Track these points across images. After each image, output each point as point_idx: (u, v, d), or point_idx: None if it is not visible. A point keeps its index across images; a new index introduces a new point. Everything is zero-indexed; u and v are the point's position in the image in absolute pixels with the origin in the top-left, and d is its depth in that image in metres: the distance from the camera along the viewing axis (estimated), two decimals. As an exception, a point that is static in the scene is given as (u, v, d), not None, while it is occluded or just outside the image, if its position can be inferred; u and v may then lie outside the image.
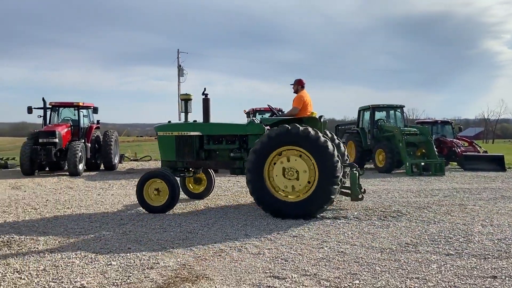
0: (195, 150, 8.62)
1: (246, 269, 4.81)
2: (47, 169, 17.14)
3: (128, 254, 5.39)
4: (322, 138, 7.32)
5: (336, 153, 7.34)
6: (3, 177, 15.11)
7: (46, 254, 5.40)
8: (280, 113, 8.68)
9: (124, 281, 4.46)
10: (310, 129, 7.38)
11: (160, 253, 5.48)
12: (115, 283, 4.41)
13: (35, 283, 4.41)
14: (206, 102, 8.68)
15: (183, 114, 9.01)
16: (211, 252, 5.51)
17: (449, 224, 7.07)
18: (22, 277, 4.57)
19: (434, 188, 11.76)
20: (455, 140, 19.22)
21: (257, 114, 20.03)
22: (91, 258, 5.25)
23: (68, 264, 5.00)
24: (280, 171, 7.45)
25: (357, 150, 17.85)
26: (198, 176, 9.74)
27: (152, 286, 4.32)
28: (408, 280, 4.46)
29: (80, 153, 15.50)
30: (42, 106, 17.02)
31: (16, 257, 5.30)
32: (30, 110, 16.99)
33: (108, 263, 5.05)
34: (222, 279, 4.50)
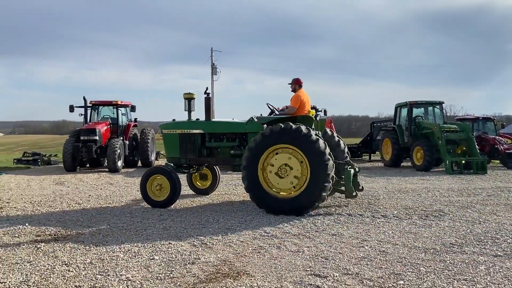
0: (197, 147, 8.83)
1: (286, 267, 4.79)
2: (87, 165, 17.73)
3: (170, 249, 5.50)
4: (310, 134, 7.36)
5: (325, 148, 7.37)
6: (47, 173, 15.77)
7: (92, 248, 5.59)
8: (277, 112, 8.66)
9: (167, 276, 4.55)
10: (297, 126, 7.43)
11: (200, 248, 5.55)
12: (159, 277, 4.51)
13: (83, 275, 4.58)
14: (208, 101, 8.92)
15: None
16: (250, 248, 5.53)
17: (495, 224, 6.79)
18: (70, 270, 4.75)
19: (476, 187, 11.32)
20: (497, 137, 18.42)
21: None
22: (135, 252, 5.39)
23: (113, 258, 5.15)
24: (277, 178, 7.55)
25: (393, 147, 17.43)
26: (203, 172, 10.00)
27: (195, 281, 4.39)
28: (456, 282, 4.32)
29: (119, 150, 15.95)
30: (83, 104, 17.62)
31: (64, 250, 5.51)
32: (71, 108, 17.61)
33: (151, 257, 5.17)
34: (263, 276, 4.51)
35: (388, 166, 17.55)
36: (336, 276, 4.45)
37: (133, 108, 18.53)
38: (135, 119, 19.05)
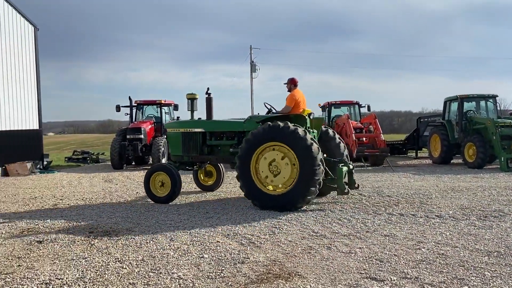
0: (198, 146, 9.11)
1: (339, 269, 4.63)
2: (133, 163, 18.22)
3: (218, 248, 5.47)
4: (306, 137, 7.50)
5: (314, 146, 7.49)
6: (96, 170, 16.35)
7: (143, 245, 5.66)
8: (274, 110, 8.80)
9: (218, 275, 4.51)
10: (293, 126, 7.60)
11: (248, 247, 5.49)
12: (210, 276, 4.47)
13: (136, 272, 4.62)
14: (209, 101, 9.24)
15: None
16: (299, 248, 5.40)
17: None
18: (124, 267, 4.82)
19: (537, 185, 10.58)
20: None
21: (332, 107, 19.59)
22: (184, 250, 5.40)
23: (164, 255, 5.19)
24: (268, 173, 7.75)
25: (442, 144, 16.64)
26: (208, 169, 10.24)
27: (246, 281, 4.31)
28: (526, 289, 3.99)
29: (163, 148, 16.25)
30: (128, 104, 18.09)
31: (116, 246, 5.62)
32: (118, 108, 18.12)
33: (200, 255, 5.15)
34: (316, 278, 4.37)
35: (437, 163, 16.80)
36: (394, 280, 4.23)
37: (175, 107, 18.82)
38: (178, 117, 19.34)
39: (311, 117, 8.58)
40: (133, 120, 18.05)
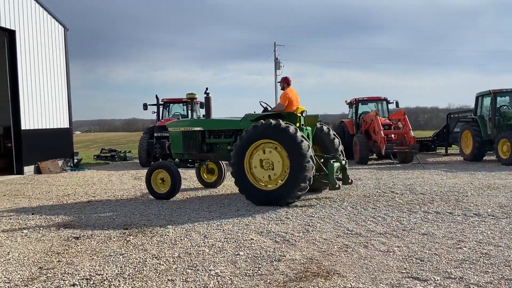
0: (198, 144, 9.37)
1: (379, 267, 4.53)
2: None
3: (253, 245, 5.45)
4: (288, 128, 7.68)
5: (304, 143, 7.65)
6: (124, 168, 16.61)
7: (177, 242, 5.69)
8: (270, 109, 9.00)
9: (256, 272, 4.48)
10: (279, 122, 7.78)
11: (283, 245, 5.44)
12: (247, 274, 4.45)
13: (174, 269, 4.65)
14: (208, 100, 9.48)
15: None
16: (335, 247, 5.32)
17: None
18: (161, 263, 4.85)
19: None
20: None
21: (360, 104, 19.30)
22: (219, 247, 5.40)
23: (200, 252, 5.20)
24: (261, 170, 7.97)
25: (474, 140, 16.13)
26: (211, 167, 10.61)
27: (285, 279, 4.27)
28: None
29: (189, 146, 16.35)
30: (155, 102, 18.30)
31: (151, 243, 5.67)
32: (145, 106, 18.34)
33: (236, 253, 5.14)
34: (356, 277, 4.29)
35: (469, 160, 16.32)
36: (438, 280, 4.11)
37: (201, 105, 18.89)
38: (203, 115, 19.43)
39: (303, 114, 8.77)
40: (160, 118, 18.25)
